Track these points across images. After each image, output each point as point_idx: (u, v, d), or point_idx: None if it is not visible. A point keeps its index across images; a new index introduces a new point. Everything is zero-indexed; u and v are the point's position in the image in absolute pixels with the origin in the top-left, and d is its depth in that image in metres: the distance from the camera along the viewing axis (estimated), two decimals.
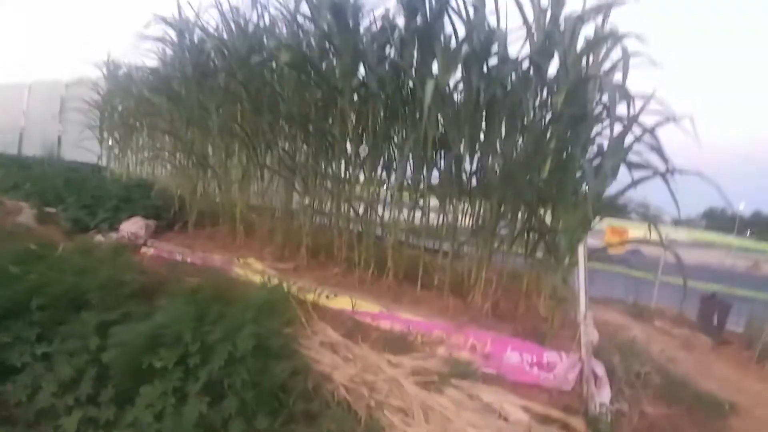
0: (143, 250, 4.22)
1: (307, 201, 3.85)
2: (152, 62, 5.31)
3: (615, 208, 2.96)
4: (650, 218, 3.05)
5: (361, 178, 3.61)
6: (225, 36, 4.34)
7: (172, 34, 4.71)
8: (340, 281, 3.50)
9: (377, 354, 2.68)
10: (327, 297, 3.22)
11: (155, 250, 4.17)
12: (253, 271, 3.63)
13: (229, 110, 4.26)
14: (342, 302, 3.15)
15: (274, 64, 3.88)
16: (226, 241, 4.39)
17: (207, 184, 4.72)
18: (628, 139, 2.85)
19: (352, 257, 3.62)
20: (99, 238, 4.42)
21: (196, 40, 4.56)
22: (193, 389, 2.27)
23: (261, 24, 4.10)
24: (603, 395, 2.47)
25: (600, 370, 2.53)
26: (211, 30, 4.43)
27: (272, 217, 4.18)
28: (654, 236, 2.97)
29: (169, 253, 4.07)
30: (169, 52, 4.91)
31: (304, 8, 3.69)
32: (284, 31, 3.94)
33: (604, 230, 5.97)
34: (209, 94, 4.29)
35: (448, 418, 2.27)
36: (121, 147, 7.55)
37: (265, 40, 3.97)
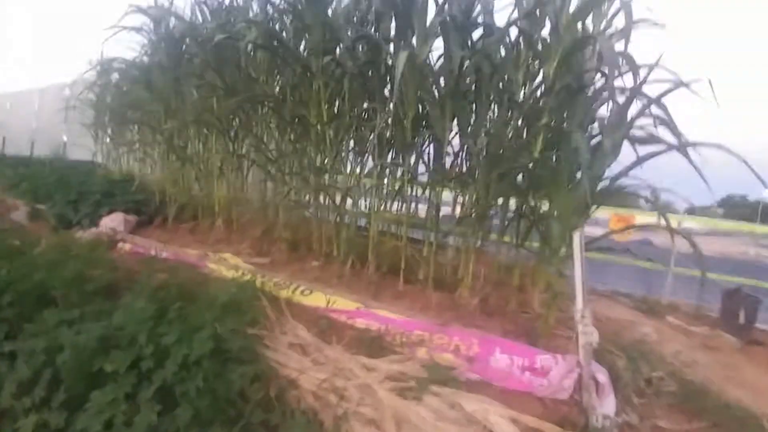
0: (120, 245, 4.04)
1: (284, 191, 3.60)
2: (133, 54, 5.11)
3: (616, 192, 2.61)
4: (659, 203, 2.70)
5: (340, 164, 3.35)
6: (200, 20, 4.11)
7: (149, 24, 4.49)
8: (318, 275, 3.25)
9: (351, 356, 2.43)
10: (302, 293, 2.98)
11: (131, 246, 3.99)
12: (227, 266, 3.41)
13: (204, 98, 4.03)
14: (317, 299, 2.91)
15: (249, 48, 3.63)
16: (205, 235, 4.18)
17: (186, 176, 4.51)
18: (632, 113, 2.53)
19: (331, 250, 3.37)
20: (80, 233, 4.29)
21: (172, 27, 4.33)
22: (145, 396, 2.08)
23: (234, 5, 3.85)
24: (606, 405, 2.17)
25: (602, 375, 2.23)
26: (185, 16, 4.20)
27: (251, 209, 3.95)
28: (664, 224, 2.64)
29: (145, 249, 3.89)
30: (144, 42, 4.70)
31: None
32: (257, 10, 3.68)
33: (609, 220, 5.64)
34: (185, 82, 4.06)
35: (425, 430, 2.01)
36: (114, 143, 7.46)
37: (236, 21, 3.70)
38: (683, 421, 2.29)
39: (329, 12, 3.27)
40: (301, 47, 3.46)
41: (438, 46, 2.76)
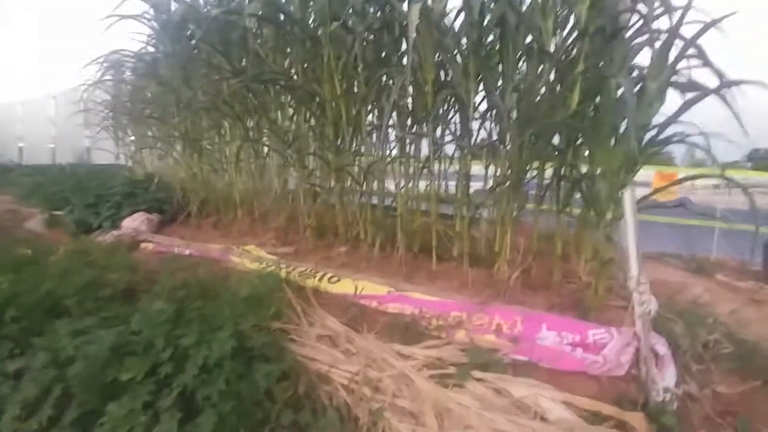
0: (143, 245, 3.98)
1: (304, 175, 3.42)
2: (138, 45, 4.96)
3: (666, 142, 2.31)
4: (714, 157, 2.38)
5: (360, 141, 3.14)
6: (201, 1, 3.92)
7: (150, 11, 4.31)
8: (346, 261, 3.09)
9: (384, 345, 2.26)
10: (329, 280, 2.82)
11: (155, 245, 3.92)
12: (251, 258, 3.28)
13: (213, 84, 3.86)
14: (346, 285, 2.75)
15: (254, 25, 3.42)
16: (228, 229, 4.08)
17: (204, 169, 4.40)
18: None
19: (358, 233, 3.18)
20: (101, 237, 4.26)
21: (173, 11, 4.15)
22: (165, 404, 1.96)
23: None
24: (667, 378, 1.95)
25: (662, 346, 2.00)
26: None
27: (272, 197, 3.80)
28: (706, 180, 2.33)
29: (168, 247, 3.81)
30: (148, 31, 4.53)
31: None
32: None
33: (648, 182, 5.28)
34: (192, 70, 3.90)
35: (469, 420, 1.83)
36: (135, 143, 7.43)
37: None
38: (739, 382, 2.10)
39: None
40: (309, 20, 3.24)
41: (456, 2, 2.49)
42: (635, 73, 2.56)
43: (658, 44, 2.16)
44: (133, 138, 7.52)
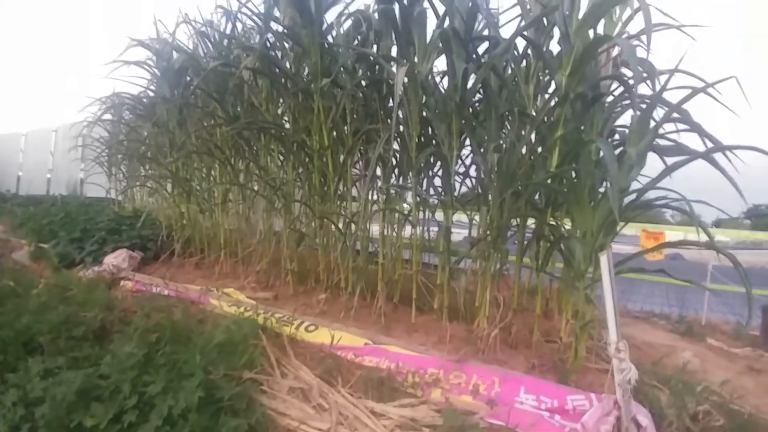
0: (123, 282, 3.91)
1: (289, 220, 3.44)
2: (138, 88, 5.13)
3: (645, 207, 2.35)
4: (695, 217, 2.41)
5: (345, 190, 3.18)
6: (201, 52, 4.09)
7: (153, 57, 4.49)
8: (325, 309, 3.04)
9: (357, 401, 2.18)
10: (306, 329, 2.77)
11: (134, 283, 3.85)
12: (230, 301, 3.22)
13: (207, 130, 3.96)
14: (323, 335, 2.68)
15: (249, 76, 3.56)
16: (210, 270, 4.04)
17: (191, 209, 4.41)
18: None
19: (339, 281, 3.16)
20: (83, 272, 4.20)
21: (174, 59, 4.32)
22: None
23: (235, 34, 3.81)
24: None
25: (644, 417, 1.93)
26: (186, 47, 4.19)
27: (256, 240, 3.79)
28: (694, 238, 2.36)
29: (147, 286, 3.74)
30: (147, 76, 4.70)
31: (275, 12, 3.35)
32: (257, 39, 3.62)
33: (636, 236, 5.32)
34: (187, 114, 4.01)
35: None
36: (126, 179, 7.49)
37: (236, 51, 3.65)
38: None
39: (329, 37, 3.19)
40: (303, 74, 3.38)
41: (442, 64, 2.61)
42: (616, 136, 2.67)
43: (638, 109, 2.24)
44: (125, 174, 7.61)
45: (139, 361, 2.20)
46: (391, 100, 2.89)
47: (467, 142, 2.76)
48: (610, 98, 2.59)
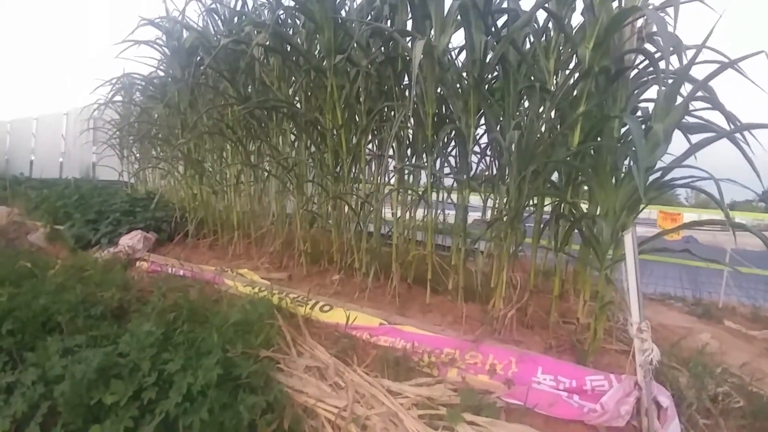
0: (138, 263, 3.95)
1: (302, 201, 3.41)
2: (148, 69, 5.09)
3: (670, 186, 2.28)
4: (721, 198, 2.33)
5: (358, 170, 3.14)
6: (211, 30, 4.02)
7: (162, 36, 4.43)
8: (339, 290, 3.03)
9: (373, 380, 2.19)
10: (321, 309, 2.77)
11: (150, 264, 3.88)
12: (244, 282, 3.23)
13: (218, 110, 3.92)
14: (338, 315, 2.68)
15: (260, 53, 3.50)
16: (224, 251, 4.05)
17: (204, 191, 4.40)
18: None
19: (353, 262, 3.14)
20: (98, 253, 4.24)
21: (184, 38, 4.26)
22: (147, 431, 1.89)
23: (245, 10, 3.73)
24: (670, 431, 1.85)
25: (665, 398, 1.90)
26: (196, 25, 4.12)
27: (269, 221, 3.78)
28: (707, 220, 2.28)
29: (162, 266, 3.77)
30: (158, 56, 4.65)
31: None
32: (267, 15, 3.54)
33: (648, 218, 5.22)
34: (198, 95, 3.97)
35: None
36: (139, 161, 7.51)
37: (246, 28, 3.57)
38: None
39: (342, 12, 3.11)
40: (315, 52, 3.31)
41: (459, 40, 2.53)
42: (639, 113, 2.58)
43: (665, 85, 2.15)
44: (137, 156, 7.63)
45: (158, 340, 2.23)
46: (406, 77, 2.82)
47: (481, 121, 2.70)
48: (633, 73, 2.49)
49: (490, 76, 2.60)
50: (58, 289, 2.97)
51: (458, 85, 2.48)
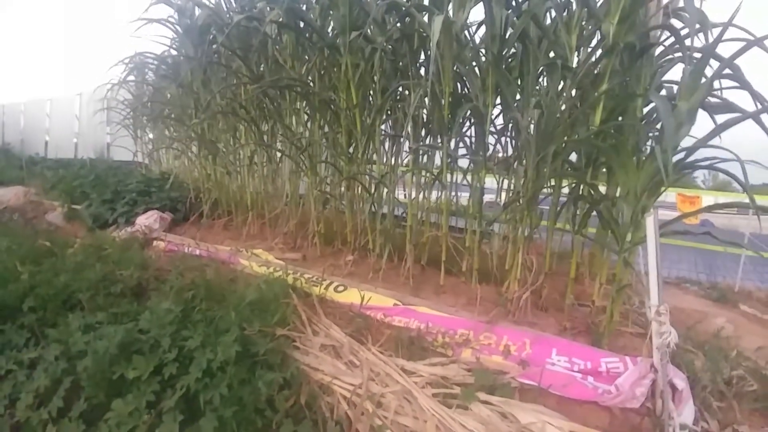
0: (155, 243, 4.01)
1: (316, 182, 3.41)
2: (161, 48, 5.05)
3: (692, 167, 2.23)
4: (747, 179, 2.26)
5: (373, 150, 3.11)
6: (224, 7, 3.97)
7: (174, 14, 4.38)
8: (353, 270, 3.05)
9: (388, 359, 2.21)
10: (335, 289, 2.79)
11: (166, 243, 3.94)
12: (259, 262, 3.27)
13: (231, 89, 3.89)
14: (352, 295, 2.70)
15: (274, 32, 3.44)
16: (239, 231, 4.09)
17: (218, 171, 4.42)
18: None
19: (367, 243, 3.15)
20: (116, 232, 4.31)
21: (197, 16, 4.21)
22: (168, 405, 1.94)
23: None
24: (685, 414, 1.84)
25: (680, 380, 1.89)
26: (209, 3, 4.07)
27: (283, 202, 3.79)
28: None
29: (179, 246, 3.82)
30: (170, 35, 4.61)
31: None
32: None
33: (665, 201, 5.13)
34: (211, 74, 3.94)
35: None
36: (153, 142, 7.55)
37: (259, 4, 3.50)
38: (764, 424, 1.95)
39: None
40: (329, 29, 3.25)
41: (477, 16, 2.45)
42: (663, 92, 2.50)
43: (690, 62, 2.08)
44: (151, 137, 7.65)
45: (177, 317, 2.27)
46: (422, 55, 2.75)
47: (497, 100, 2.64)
48: (658, 50, 2.41)
49: (509, 52, 2.53)
50: (78, 267, 3.03)
51: (474, 63, 2.42)
